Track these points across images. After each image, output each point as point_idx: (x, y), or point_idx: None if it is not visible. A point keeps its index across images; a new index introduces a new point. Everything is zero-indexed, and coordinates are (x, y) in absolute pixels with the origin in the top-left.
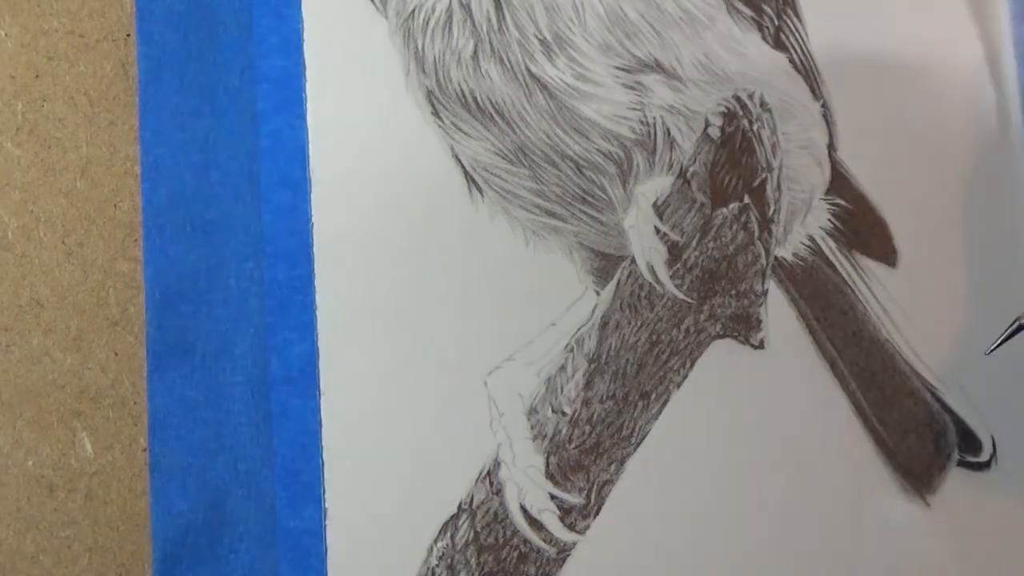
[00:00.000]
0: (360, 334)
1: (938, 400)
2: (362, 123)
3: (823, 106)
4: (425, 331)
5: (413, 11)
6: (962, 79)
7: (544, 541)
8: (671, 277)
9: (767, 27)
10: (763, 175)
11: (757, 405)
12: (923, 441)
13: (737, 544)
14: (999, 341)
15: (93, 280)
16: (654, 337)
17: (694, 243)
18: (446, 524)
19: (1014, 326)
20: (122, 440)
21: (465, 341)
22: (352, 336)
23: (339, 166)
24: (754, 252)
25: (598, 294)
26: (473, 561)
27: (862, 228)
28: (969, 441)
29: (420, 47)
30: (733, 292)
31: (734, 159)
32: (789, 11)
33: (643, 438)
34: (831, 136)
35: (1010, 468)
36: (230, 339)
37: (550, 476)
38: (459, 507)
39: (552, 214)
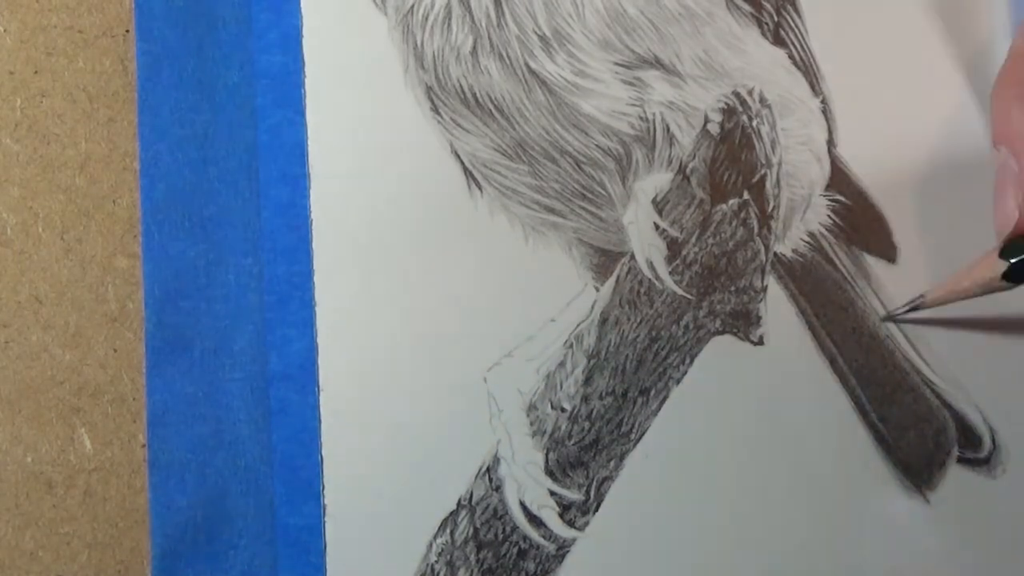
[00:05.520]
0: (359, 330)
1: (937, 396)
2: (361, 119)
3: (822, 102)
4: (424, 327)
5: (412, 7)
6: (962, 73)
7: (543, 537)
8: (670, 273)
9: (766, 23)
10: (762, 171)
11: (756, 401)
12: (922, 437)
13: (736, 540)
14: (899, 314)
15: (92, 276)
16: (653, 333)
17: (693, 239)
18: (445, 520)
19: (914, 303)
20: (121, 436)
21: (464, 337)
22: (351, 332)
23: (338, 162)
24: (753, 248)
25: (597, 290)
26: (472, 557)
27: (861, 224)
28: (969, 437)
29: (419, 43)
30: (732, 288)
31: (733, 155)
32: (788, 7)
33: (642, 434)
34: (830, 132)
35: (1010, 464)
36: (229, 335)
37: (549, 472)
38: (458, 503)
39: (551, 210)
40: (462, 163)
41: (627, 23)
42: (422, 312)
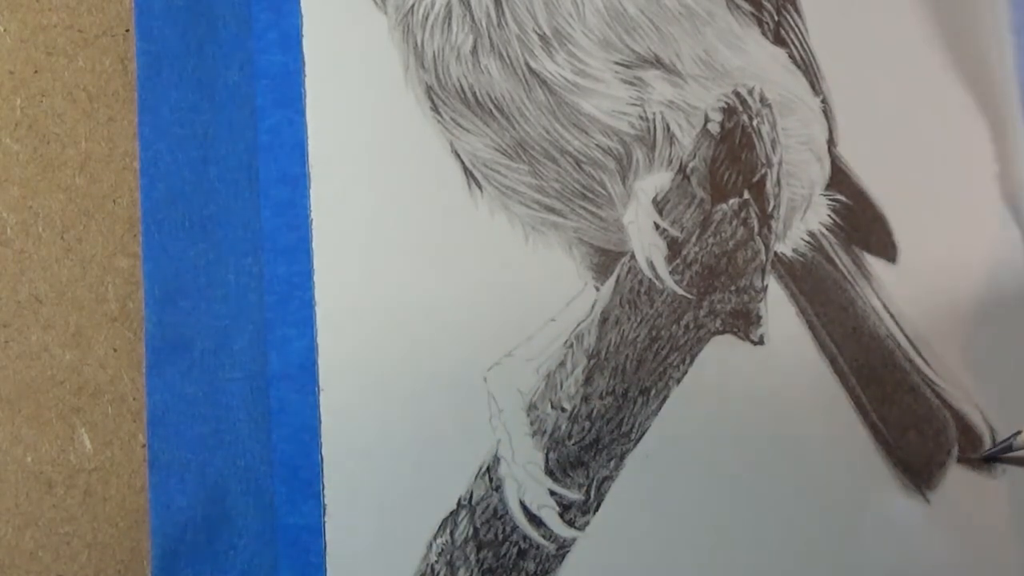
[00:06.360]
0: (359, 330)
1: (938, 396)
2: (361, 119)
3: (823, 101)
4: (424, 327)
5: (412, 6)
6: (962, 72)
7: (543, 537)
8: (671, 273)
9: (767, 22)
10: (763, 171)
11: (757, 401)
12: (923, 437)
13: (736, 540)
14: (995, 450)
15: (92, 276)
16: (654, 333)
17: (694, 239)
18: (445, 520)
19: (1008, 440)
20: (121, 436)
21: (464, 337)
22: (351, 332)
23: (338, 162)
24: (754, 248)
25: (598, 290)
26: (472, 557)
27: (862, 224)
28: (969, 437)
29: (419, 42)
30: (733, 288)
31: (734, 155)
32: (789, 6)
33: (643, 434)
34: (831, 132)
35: (1010, 464)
36: (229, 335)
37: (549, 472)
38: (458, 503)
39: (552, 210)
40: (462, 163)
41: (627, 22)
42: (422, 312)
